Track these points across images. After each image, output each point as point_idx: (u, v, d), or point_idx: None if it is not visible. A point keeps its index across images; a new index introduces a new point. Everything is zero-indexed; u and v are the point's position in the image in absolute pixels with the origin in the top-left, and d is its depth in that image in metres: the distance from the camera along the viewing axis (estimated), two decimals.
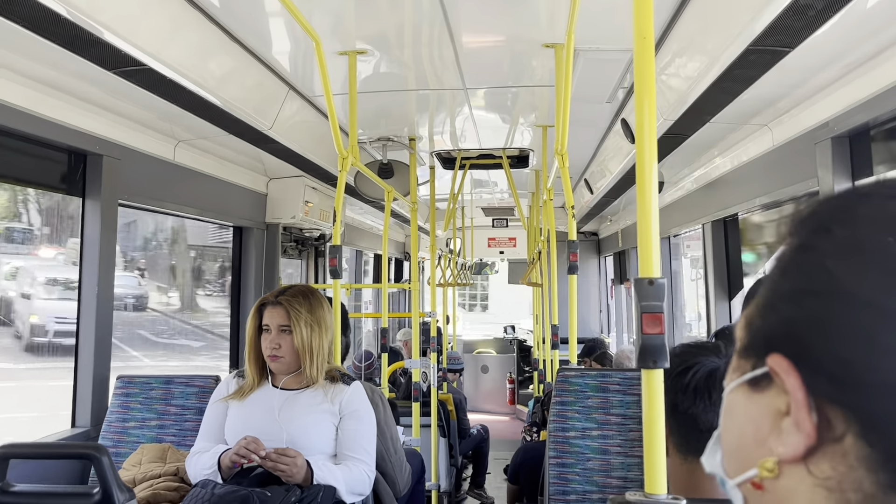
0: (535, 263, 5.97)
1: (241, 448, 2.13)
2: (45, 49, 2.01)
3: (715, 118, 2.72)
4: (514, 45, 2.69)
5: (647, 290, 1.02)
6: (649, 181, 1.03)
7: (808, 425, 0.46)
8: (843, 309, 0.44)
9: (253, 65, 2.73)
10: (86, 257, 2.80)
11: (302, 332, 2.28)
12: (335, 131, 2.70)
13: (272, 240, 4.43)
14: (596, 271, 8.92)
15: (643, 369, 1.05)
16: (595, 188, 5.08)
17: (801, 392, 0.46)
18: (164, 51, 2.18)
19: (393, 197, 3.99)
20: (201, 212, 3.71)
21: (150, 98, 2.50)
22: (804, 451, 0.46)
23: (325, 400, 2.31)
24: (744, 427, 0.52)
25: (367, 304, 9.55)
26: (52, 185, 2.76)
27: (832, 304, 0.45)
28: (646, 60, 1.10)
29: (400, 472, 2.65)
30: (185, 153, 3.44)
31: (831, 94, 2.39)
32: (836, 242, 0.46)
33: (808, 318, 0.47)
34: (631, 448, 2.38)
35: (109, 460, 1.36)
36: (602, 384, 2.45)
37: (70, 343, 2.86)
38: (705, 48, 2.19)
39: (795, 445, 0.46)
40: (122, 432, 2.76)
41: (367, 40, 2.62)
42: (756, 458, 0.49)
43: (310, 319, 2.30)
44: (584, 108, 3.43)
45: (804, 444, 0.46)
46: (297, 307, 2.30)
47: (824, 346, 0.45)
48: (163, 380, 2.84)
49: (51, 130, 2.53)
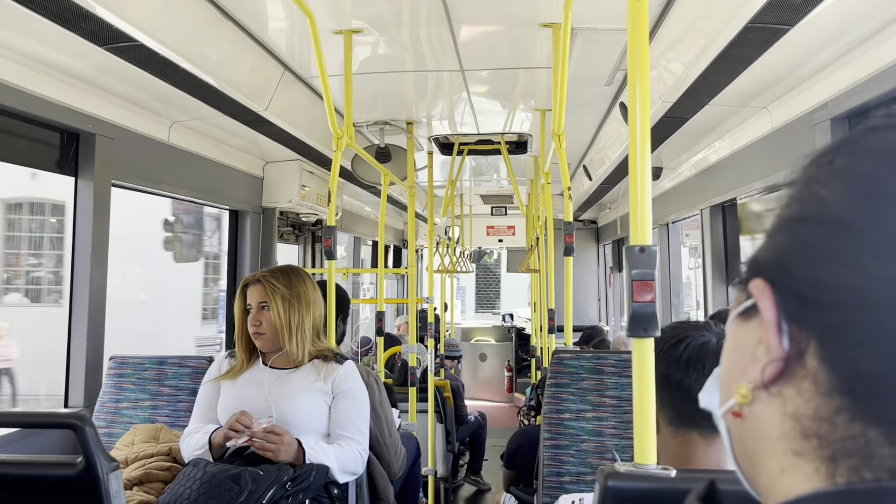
0: (534, 250, 5.96)
1: (232, 423, 2.13)
2: (34, 24, 1.98)
3: (713, 100, 2.70)
4: (512, 24, 2.66)
5: (638, 258, 1.01)
6: (642, 146, 1.01)
7: (778, 348, 0.46)
8: (826, 232, 0.45)
9: (248, 44, 2.70)
10: (79, 237, 2.79)
11: (279, 307, 2.29)
12: (330, 111, 2.68)
13: (268, 224, 4.41)
14: (594, 259, 8.90)
15: (633, 338, 1.03)
16: (594, 175, 5.06)
17: (771, 313, 0.47)
18: (156, 27, 2.16)
19: (390, 181, 3.97)
20: (196, 194, 3.69)
21: (143, 77, 2.48)
22: (774, 376, 0.46)
23: (317, 379, 2.30)
24: (732, 357, 0.52)
25: (366, 293, 9.55)
26: (45, 164, 2.74)
27: (817, 228, 0.46)
28: (639, 24, 1.08)
29: (395, 454, 2.65)
30: (180, 134, 3.41)
31: (830, 75, 2.37)
32: (834, 172, 0.47)
33: (793, 243, 0.47)
34: (626, 430, 2.37)
35: (93, 429, 1.34)
36: (597, 366, 2.44)
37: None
38: (703, 27, 2.17)
39: (765, 370, 0.47)
40: (115, 413, 2.75)
41: (363, 19, 2.59)
42: (736, 386, 0.50)
43: (287, 294, 2.31)
44: (583, 92, 3.40)
45: (773, 368, 0.46)
46: (274, 283, 2.31)
47: (801, 268, 0.46)
48: (156, 360, 2.83)
49: (42, 108, 2.51)
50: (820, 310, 0.44)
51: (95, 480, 1.30)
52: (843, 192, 0.45)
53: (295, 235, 5.24)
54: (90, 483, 1.30)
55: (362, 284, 9.56)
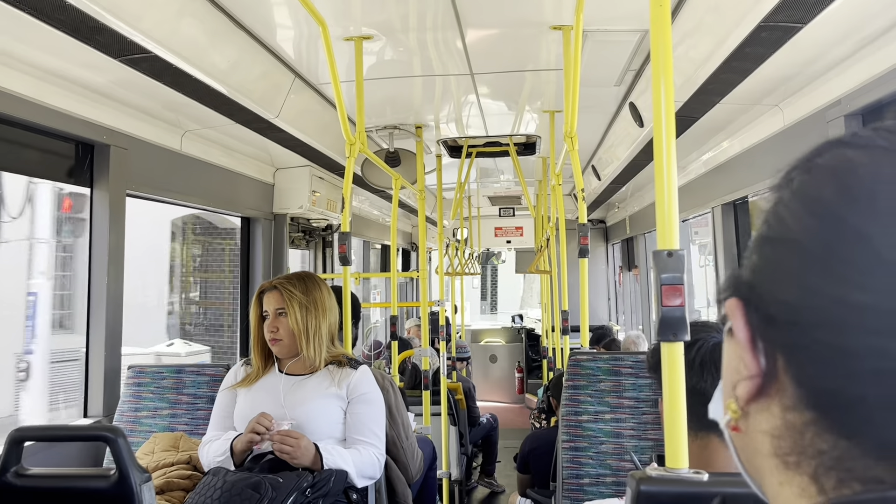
0: (543, 251, 5.95)
1: (254, 425, 2.14)
2: (49, 37, 2.00)
3: (725, 99, 2.69)
4: (521, 27, 2.66)
5: (665, 262, 1.01)
6: (667, 151, 1.01)
7: (750, 366, 0.48)
8: (785, 252, 0.47)
9: (259, 52, 2.72)
10: (95, 247, 2.80)
11: (296, 313, 2.30)
12: (342, 117, 2.69)
13: (279, 230, 4.42)
14: (604, 259, 8.89)
15: (663, 342, 1.03)
16: (603, 175, 5.05)
17: (743, 332, 0.48)
18: (169, 38, 2.17)
19: (400, 185, 3.98)
20: (208, 202, 3.70)
21: (155, 87, 2.49)
22: (751, 393, 0.48)
23: (332, 384, 2.31)
24: (726, 372, 0.54)
25: (375, 296, 9.56)
26: (60, 176, 2.76)
27: (779, 248, 0.47)
28: (662, 25, 1.08)
29: (412, 458, 2.65)
30: (192, 143, 3.43)
31: (844, 72, 2.36)
32: (793, 191, 0.48)
33: (761, 263, 0.49)
34: (644, 431, 2.36)
35: (125, 441, 1.35)
36: (614, 367, 2.44)
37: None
38: (715, 26, 2.16)
39: (744, 386, 0.49)
40: (134, 422, 2.76)
41: (372, 25, 2.60)
42: (728, 401, 0.52)
43: (304, 301, 2.32)
44: (592, 92, 3.40)
45: (749, 385, 0.48)
46: (291, 289, 2.33)
47: (766, 287, 0.47)
48: (174, 369, 2.84)
49: (57, 120, 2.53)
50: (781, 328, 0.46)
51: (129, 492, 1.31)
52: (798, 212, 0.46)
53: (305, 241, 5.25)
54: (124, 495, 1.31)
55: (375, 288, 9.55)
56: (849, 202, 0.44)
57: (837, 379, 0.43)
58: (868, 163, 0.44)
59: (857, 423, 0.43)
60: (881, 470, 0.42)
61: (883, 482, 0.42)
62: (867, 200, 0.43)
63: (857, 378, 0.42)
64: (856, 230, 0.42)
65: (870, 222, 0.42)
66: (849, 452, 0.43)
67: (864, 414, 0.42)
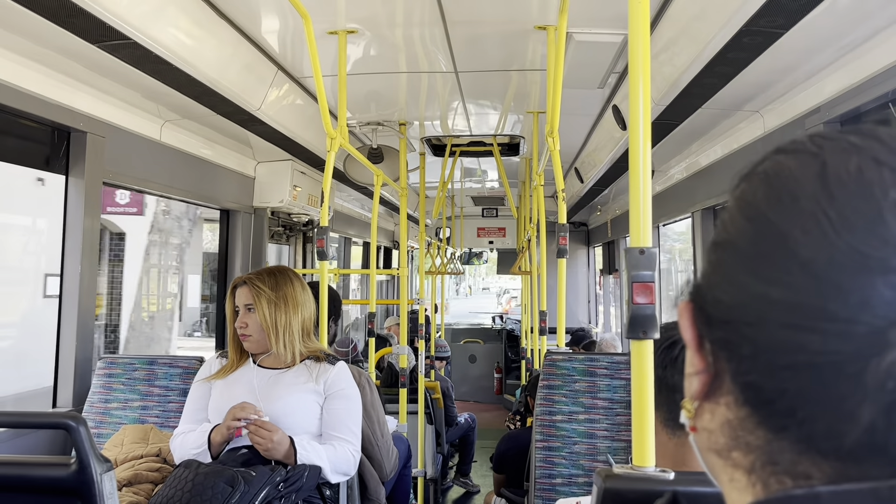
0: (525, 252, 5.96)
1: (237, 411, 2.12)
2: (26, 20, 1.97)
3: (707, 104, 2.71)
4: (506, 26, 2.66)
5: (637, 260, 1.01)
6: (644, 148, 1.01)
7: (699, 364, 0.49)
8: (723, 253, 0.49)
9: (241, 43, 2.69)
10: (69, 236, 2.76)
11: (264, 309, 2.28)
12: (324, 111, 2.67)
13: (259, 224, 4.39)
14: (585, 262, 8.93)
15: (632, 340, 1.03)
16: (585, 177, 5.07)
17: (689, 332, 0.50)
18: (150, 25, 2.14)
19: (382, 182, 3.96)
20: (188, 194, 3.67)
21: (135, 74, 2.46)
22: (699, 391, 0.50)
23: (309, 379, 2.30)
24: (686, 373, 0.55)
25: (355, 293, 9.52)
26: (35, 162, 2.71)
27: (719, 251, 0.49)
28: (640, 24, 1.08)
29: (386, 455, 2.64)
30: (172, 133, 3.39)
31: (824, 79, 2.38)
32: (734, 197, 0.50)
33: (707, 266, 0.51)
34: (618, 432, 2.37)
35: (86, 429, 1.33)
36: (589, 368, 2.44)
37: None
38: (698, 30, 2.17)
39: (694, 385, 0.50)
40: (104, 413, 2.73)
41: (357, 19, 2.59)
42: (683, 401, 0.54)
43: (273, 297, 2.30)
44: (576, 95, 3.40)
45: (698, 384, 0.50)
46: (260, 285, 2.31)
47: (709, 288, 0.49)
48: (146, 360, 2.81)
49: (32, 105, 2.49)
50: (719, 327, 0.47)
51: (89, 481, 1.28)
52: (735, 216, 0.49)
53: (286, 236, 5.22)
54: (83, 484, 1.28)
55: (357, 289, 9.54)
56: (774, 204, 0.46)
57: (762, 374, 0.44)
58: (795, 167, 0.46)
59: (781, 418, 0.44)
60: (807, 464, 0.43)
61: (810, 477, 0.43)
62: (790, 202, 0.45)
63: (777, 372, 0.43)
64: (778, 231, 0.44)
65: (790, 223, 0.44)
66: (777, 447, 0.44)
67: (786, 408, 0.43)
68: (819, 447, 0.42)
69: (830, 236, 0.42)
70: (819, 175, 0.44)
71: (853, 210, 0.42)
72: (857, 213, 0.42)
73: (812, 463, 0.43)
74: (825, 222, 0.42)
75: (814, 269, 0.42)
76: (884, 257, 0.40)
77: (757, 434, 0.45)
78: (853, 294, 0.40)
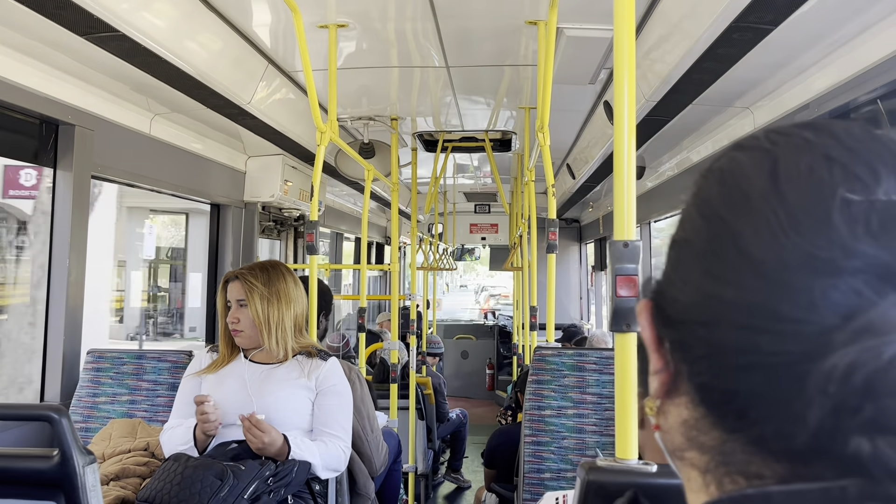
0: (517, 248, 5.97)
1: (201, 414, 2.12)
2: (14, 12, 1.95)
3: (697, 100, 2.71)
4: (497, 20, 2.65)
5: (621, 253, 1.01)
6: (629, 141, 1.01)
7: (658, 363, 0.49)
8: (679, 252, 0.49)
9: (232, 37, 2.68)
10: (57, 229, 2.74)
11: (256, 305, 2.27)
12: (314, 105, 2.66)
13: (250, 219, 4.37)
14: (577, 258, 8.94)
15: (616, 332, 1.03)
16: (577, 174, 5.07)
17: (648, 331, 0.50)
18: (138, 17, 2.13)
19: (373, 177, 3.96)
20: (178, 188, 3.65)
21: (124, 67, 2.44)
22: (658, 390, 0.49)
23: (301, 375, 2.29)
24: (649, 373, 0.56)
25: (347, 289, 9.51)
26: (23, 155, 2.69)
27: (676, 249, 0.49)
28: (626, 19, 1.08)
29: (376, 450, 2.64)
30: (162, 127, 3.38)
31: (813, 76, 2.39)
32: (692, 195, 0.50)
33: (667, 265, 0.51)
34: (606, 427, 2.37)
35: (69, 422, 1.32)
36: (578, 363, 2.44)
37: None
38: (688, 26, 2.17)
39: (654, 384, 0.50)
40: (92, 407, 2.72)
41: (348, 13, 2.58)
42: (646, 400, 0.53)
43: (265, 292, 2.29)
44: (567, 90, 3.40)
45: (658, 383, 0.49)
46: (252, 281, 2.29)
47: (665, 287, 0.49)
48: (134, 354, 2.79)
49: (19, 97, 2.47)
50: (675, 326, 0.47)
51: (72, 474, 1.28)
52: (692, 214, 0.48)
53: (277, 231, 5.21)
54: (66, 476, 1.28)
55: (348, 283, 9.51)
56: (727, 202, 0.45)
57: (715, 375, 0.44)
58: (748, 164, 0.46)
59: (733, 419, 0.44)
60: (759, 465, 0.43)
61: (762, 477, 0.43)
62: (742, 201, 0.44)
63: (729, 373, 0.43)
64: (731, 230, 0.44)
65: (742, 222, 0.44)
66: (731, 448, 0.44)
67: (739, 409, 0.43)
68: (770, 448, 0.42)
69: (780, 237, 0.41)
70: (770, 173, 0.44)
71: (802, 210, 0.42)
72: (805, 213, 0.41)
73: (764, 464, 0.42)
74: (775, 222, 0.42)
75: (764, 269, 0.41)
76: (831, 258, 0.40)
77: (712, 434, 0.45)
78: (802, 295, 0.40)
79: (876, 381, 0.37)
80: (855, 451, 0.38)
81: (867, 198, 0.41)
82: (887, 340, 0.38)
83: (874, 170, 0.42)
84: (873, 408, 0.37)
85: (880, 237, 0.40)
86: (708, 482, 0.46)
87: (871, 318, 0.38)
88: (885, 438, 0.37)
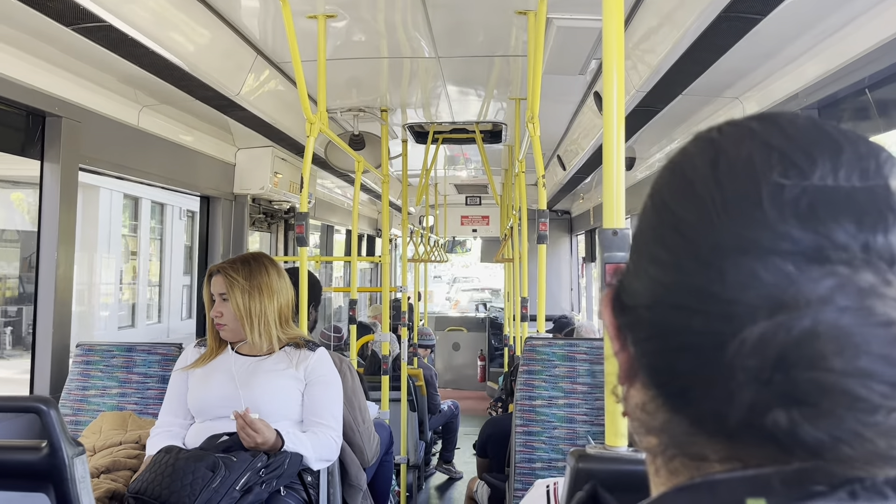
0: (508, 239, 5.97)
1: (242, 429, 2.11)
2: None
3: (687, 90, 2.71)
4: (487, 10, 2.65)
5: (611, 241, 1.01)
6: (618, 130, 1.01)
7: (616, 347, 0.51)
8: (636, 240, 0.50)
9: (220, 27, 2.66)
10: (45, 222, 2.72)
11: (237, 298, 2.27)
12: (303, 96, 2.65)
13: (240, 211, 4.36)
14: (567, 250, 8.95)
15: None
16: (568, 165, 5.07)
17: (608, 319, 0.51)
18: (125, 7, 2.11)
19: (363, 168, 3.94)
20: (167, 180, 3.63)
21: (111, 58, 2.42)
22: (623, 377, 0.51)
23: (289, 366, 2.29)
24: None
25: (338, 281, 9.50)
26: (9, 147, 2.67)
27: (634, 238, 0.51)
28: (615, 9, 1.08)
29: (368, 442, 2.65)
30: (150, 119, 3.35)
31: (802, 65, 2.40)
32: (652, 185, 0.51)
33: (629, 256, 0.52)
34: (597, 417, 2.38)
35: (58, 413, 1.31)
36: (569, 353, 2.45)
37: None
38: (678, 16, 2.17)
39: (618, 370, 0.51)
40: (82, 400, 2.71)
41: (337, 3, 2.56)
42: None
43: (246, 286, 2.28)
44: (557, 81, 3.40)
45: (620, 368, 0.51)
46: (233, 275, 2.29)
47: (624, 275, 0.51)
48: (124, 347, 2.78)
49: (6, 89, 2.44)
50: (626, 311, 0.49)
51: (61, 465, 1.27)
52: (647, 203, 0.50)
53: (267, 223, 5.19)
54: (55, 468, 1.27)
55: (339, 275, 9.49)
56: (673, 190, 0.47)
57: (657, 356, 0.46)
58: (695, 154, 0.48)
59: (675, 399, 0.45)
60: (701, 444, 0.44)
61: (706, 458, 0.44)
62: (686, 188, 0.46)
63: (668, 354, 0.44)
64: (674, 216, 0.46)
65: (684, 208, 0.45)
66: (678, 428, 0.45)
67: (680, 388, 0.44)
68: (707, 428, 0.43)
69: (714, 220, 0.43)
70: (712, 161, 0.45)
71: (736, 194, 0.43)
72: (739, 197, 0.43)
73: (706, 443, 0.43)
74: (711, 206, 0.43)
75: (700, 252, 0.43)
76: (758, 238, 0.41)
77: (658, 416, 0.46)
78: (732, 276, 0.41)
79: (787, 354, 0.38)
80: (773, 424, 0.39)
81: (799, 182, 0.42)
82: (799, 315, 0.39)
83: (811, 156, 0.43)
84: (785, 380, 0.38)
85: (809, 220, 0.40)
86: (658, 466, 0.48)
87: (789, 294, 0.39)
88: (800, 410, 0.38)
